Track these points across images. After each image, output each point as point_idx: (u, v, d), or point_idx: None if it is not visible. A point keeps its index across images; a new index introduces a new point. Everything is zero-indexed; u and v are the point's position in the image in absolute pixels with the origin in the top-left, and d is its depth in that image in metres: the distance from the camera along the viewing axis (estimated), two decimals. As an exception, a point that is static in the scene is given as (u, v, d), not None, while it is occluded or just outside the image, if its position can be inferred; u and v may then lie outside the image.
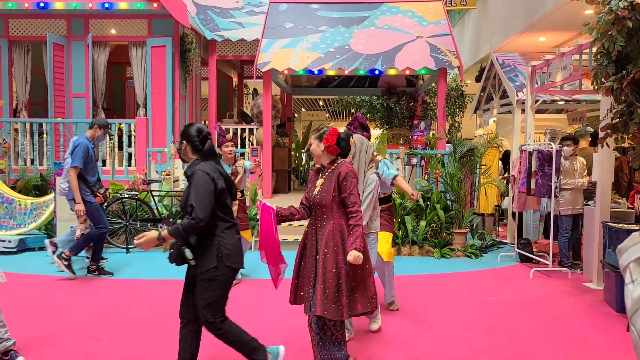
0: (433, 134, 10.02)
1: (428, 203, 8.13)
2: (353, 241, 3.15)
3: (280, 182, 11.61)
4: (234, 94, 13.94)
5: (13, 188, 8.49)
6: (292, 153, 13.31)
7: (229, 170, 5.64)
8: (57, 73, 9.60)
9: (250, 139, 10.92)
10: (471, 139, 9.28)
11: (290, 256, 3.42)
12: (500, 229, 9.51)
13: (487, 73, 10.42)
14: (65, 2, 9.37)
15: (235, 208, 5.89)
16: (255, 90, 14.18)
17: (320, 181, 3.39)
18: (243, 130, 11.05)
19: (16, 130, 9.61)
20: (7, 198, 7.81)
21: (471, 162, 8.29)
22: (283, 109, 12.50)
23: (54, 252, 6.28)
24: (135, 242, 3.00)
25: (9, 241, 7.39)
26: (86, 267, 6.24)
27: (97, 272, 6.16)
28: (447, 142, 8.93)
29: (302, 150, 14.05)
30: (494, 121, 11.07)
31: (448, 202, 8.25)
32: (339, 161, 3.41)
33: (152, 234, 2.99)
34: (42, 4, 9.37)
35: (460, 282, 6.25)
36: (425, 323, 4.65)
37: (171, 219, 8.34)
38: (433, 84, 11.08)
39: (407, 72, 9.22)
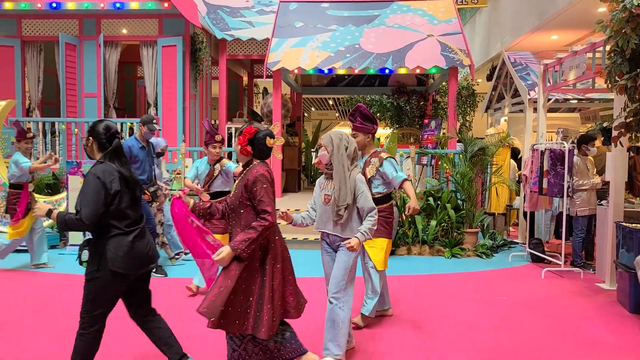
0: (444, 133, 9.98)
1: (439, 202, 8.09)
2: (239, 240, 2.98)
3: (290, 181, 11.62)
4: (244, 93, 13.97)
5: (26, 187, 8.55)
6: (302, 152, 13.32)
7: (206, 170, 5.40)
8: (69, 73, 9.68)
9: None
10: (482, 138, 9.23)
11: (305, 255, 3.41)
12: (511, 228, 9.44)
13: (499, 72, 10.35)
14: (77, 2, 9.44)
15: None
16: (265, 89, 14.20)
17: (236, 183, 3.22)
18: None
19: (29, 129, 9.69)
20: (20, 197, 7.86)
21: (482, 161, 8.24)
22: (293, 108, 12.50)
23: None
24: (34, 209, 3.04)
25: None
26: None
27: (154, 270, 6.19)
28: (458, 141, 8.89)
29: (312, 150, 14.04)
30: (505, 120, 11.00)
31: (459, 201, 8.21)
32: (253, 163, 3.18)
33: (46, 206, 3.03)
34: (54, 4, 9.45)
35: (470, 281, 6.21)
36: (433, 323, 4.63)
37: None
38: (444, 83, 11.03)
39: (418, 71, 9.18)
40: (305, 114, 21.12)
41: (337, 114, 23.69)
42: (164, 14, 9.61)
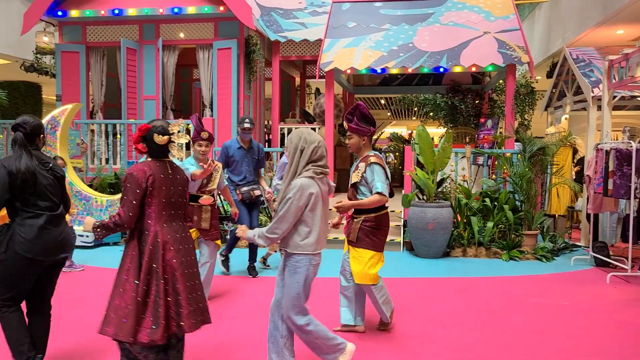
0: (500, 132, 9.71)
1: (495, 203, 7.88)
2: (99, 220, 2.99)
3: (342, 181, 11.59)
4: (297, 93, 14.08)
5: (90, 186, 8.93)
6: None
7: (193, 169, 4.92)
8: (129, 76, 10.03)
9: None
10: (542, 137, 8.92)
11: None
12: (573, 231, 9.08)
13: (560, 69, 9.96)
14: (137, 8, 9.77)
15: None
16: (317, 89, 14.24)
17: None
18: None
19: (92, 131, 10.13)
20: (85, 195, 8.24)
21: (542, 161, 7.97)
22: (345, 108, 12.49)
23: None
24: None
25: (87, 236, 7.81)
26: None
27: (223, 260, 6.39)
28: (516, 140, 8.63)
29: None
30: (566, 119, 10.58)
31: (517, 202, 7.96)
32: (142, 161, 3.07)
33: None
34: (116, 11, 9.81)
35: (530, 285, 6.01)
36: (494, 326, 4.50)
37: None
38: (501, 81, 10.73)
39: (474, 69, 8.97)
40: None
41: (389, 114, 23.48)
42: (220, 18, 9.80)
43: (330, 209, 5.17)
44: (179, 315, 2.88)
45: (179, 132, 3.06)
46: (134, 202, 2.90)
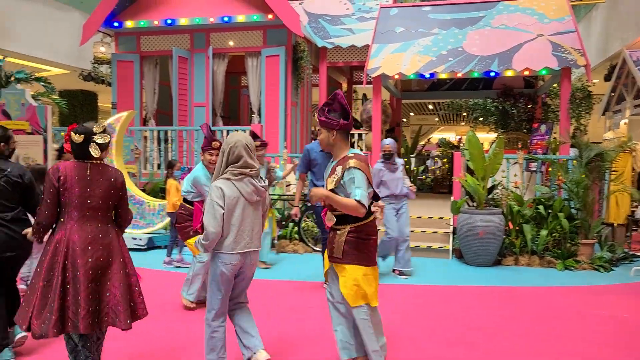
0: (555, 138, 9.38)
1: (550, 211, 7.61)
2: None
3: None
4: (344, 100, 14.04)
5: (143, 190, 9.20)
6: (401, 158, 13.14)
7: (203, 180, 4.85)
8: (181, 84, 10.29)
9: (359, 144, 10.93)
10: (599, 143, 8.56)
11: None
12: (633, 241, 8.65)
13: (619, 71, 9.57)
14: (189, 17, 10.03)
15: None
16: (364, 95, 14.21)
17: None
18: (352, 135, 11.09)
19: (145, 137, 10.43)
20: (138, 199, 8.49)
21: (600, 167, 7.64)
22: (392, 113, 12.39)
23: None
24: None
25: (140, 239, 8.05)
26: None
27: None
28: (572, 146, 8.32)
29: (412, 155, 13.82)
30: (626, 123, 10.12)
31: (572, 210, 7.66)
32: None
33: None
34: (169, 21, 10.10)
35: (586, 296, 5.75)
36: (543, 337, 4.32)
37: (283, 222, 8.57)
38: (555, 85, 10.39)
39: (526, 73, 8.71)
40: (404, 119, 20.87)
41: (436, 119, 23.15)
42: (268, 25, 9.92)
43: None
44: (77, 314, 2.91)
45: (100, 132, 3.10)
46: (49, 200, 3.01)
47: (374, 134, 9.66)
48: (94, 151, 3.08)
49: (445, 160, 14.61)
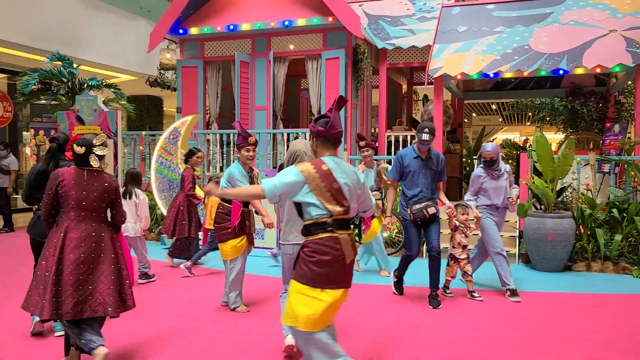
0: (629, 138, 8.91)
1: (624, 215, 7.23)
2: None
3: (451, 189, 11.28)
4: (403, 100, 13.92)
5: (206, 193, 9.42)
6: (464, 160, 12.85)
7: (247, 176, 4.97)
8: (242, 88, 10.49)
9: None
10: (679, 142, 8.04)
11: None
12: None
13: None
14: (250, 23, 10.22)
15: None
16: (425, 96, 14.00)
17: None
18: (413, 137, 10.94)
19: (208, 141, 10.71)
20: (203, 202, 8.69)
21: (680, 168, 7.19)
22: (454, 114, 12.14)
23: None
24: None
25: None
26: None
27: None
28: (648, 146, 7.87)
29: (474, 157, 13.49)
30: None
31: (649, 214, 7.24)
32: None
33: None
34: (231, 27, 10.33)
35: (668, 307, 5.41)
36: (626, 348, 4.09)
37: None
38: (629, 82, 9.86)
39: (598, 70, 8.32)
40: (466, 120, 20.41)
41: (500, 119, 22.50)
42: (328, 28, 9.96)
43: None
44: (63, 302, 3.37)
45: (100, 145, 3.55)
46: (47, 200, 3.53)
47: (436, 135, 9.47)
48: (93, 162, 3.56)
49: (510, 161, 14.17)
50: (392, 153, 10.03)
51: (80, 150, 3.50)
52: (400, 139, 10.50)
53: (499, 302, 5.54)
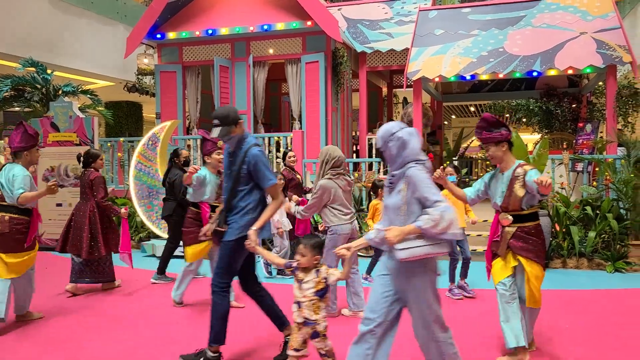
0: (601, 137, 9.16)
1: (597, 212, 7.43)
2: None
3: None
4: (384, 103, 14.07)
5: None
6: (444, 161, 13.03)
7: (216, 180, 5.24)
8: (222, 92, 10.51)
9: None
10: (649, 141, 8.29)
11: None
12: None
13: (667, 67, 9.24)
14: (229, 27, 10.26)
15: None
16: (405, 99, 14.19)
17: None
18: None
19: (189, 146, 10.68)
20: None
21: (650, 166, 7.42)
22: (433, 116, 12.31)
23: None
24: None
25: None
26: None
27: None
28: (619, 145, 8.10)
29: (454, 158, 13.68)
30: (676, 120, 9.79)
31: (621, 211, 7.46)
32: None
33: None
34: (210, 31, 10.36)
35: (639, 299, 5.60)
36: (600, 343, 4.23)
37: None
38: (600, 83, 10.14)
39: (570, 71, 8.54)
40: (446, 122, 20.67)
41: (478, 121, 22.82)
42: (307, 32, 10.05)
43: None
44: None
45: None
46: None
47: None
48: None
49: (488, 162, 14.42)
50: (374, 156, 10.13)
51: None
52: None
53: (476, 301, 5.66)
